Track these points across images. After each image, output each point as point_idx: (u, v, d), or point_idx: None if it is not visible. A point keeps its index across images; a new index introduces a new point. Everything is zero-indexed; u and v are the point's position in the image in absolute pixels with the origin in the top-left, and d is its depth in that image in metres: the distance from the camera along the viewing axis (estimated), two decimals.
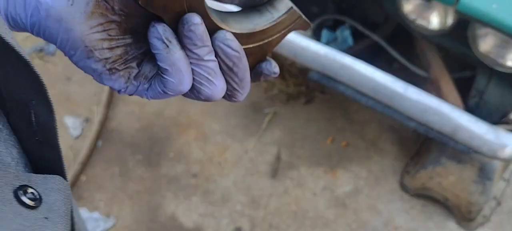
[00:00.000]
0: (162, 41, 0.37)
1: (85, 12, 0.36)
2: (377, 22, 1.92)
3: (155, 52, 0.38)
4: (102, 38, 0.37)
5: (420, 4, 1.52)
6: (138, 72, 0.40)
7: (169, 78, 0.38)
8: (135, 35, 0.39)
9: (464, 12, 1.32)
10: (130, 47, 0.39)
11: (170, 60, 0.37)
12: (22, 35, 2.62)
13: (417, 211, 1.95)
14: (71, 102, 2.33)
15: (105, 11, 0.37)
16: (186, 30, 0.37)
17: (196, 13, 0.37)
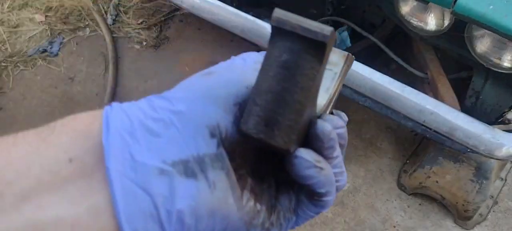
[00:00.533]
0: (314, 167, 0.34)
1: (231, 188, 0.34)
2: (375, 23, 1.94)
3: (310, 182, 0.35)
4: (253, 203, 0.35)
5: (417, 6, 1.54)
6: (281, 212, 0.38)
7: (328, 198, 0.36)
8: (266, 181, 0.38)
9: (461, 13, 1.33)
10: (270, 195, 0.37)
11: (328, 180, 0.35)
12: (24, 36, 2.65)
13: (415, 210, 1.97)
14: (74, 103, 2.36)
15: (245, 175, 0.35)
16: (317, 139, 0.35)
17: (321, 119, 0.36)
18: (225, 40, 2.54)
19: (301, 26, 0.33)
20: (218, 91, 0.35)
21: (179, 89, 0.36)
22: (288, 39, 0.34)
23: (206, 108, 0.34)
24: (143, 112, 0.34)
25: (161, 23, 2.70)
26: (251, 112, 0.34)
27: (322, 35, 0.33)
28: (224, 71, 0.37)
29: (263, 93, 0.34)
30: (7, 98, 2.39)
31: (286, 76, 0.34)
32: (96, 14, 2.71)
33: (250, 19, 1.75)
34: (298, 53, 0.34)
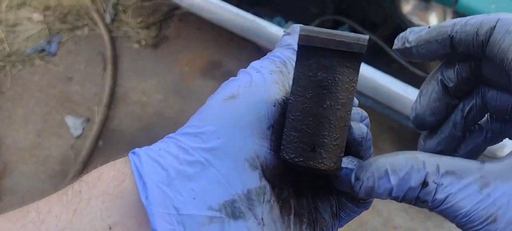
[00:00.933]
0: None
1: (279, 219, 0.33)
2: (377, 22, 1.93)
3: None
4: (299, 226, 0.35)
5: (419, 5, 1.53)
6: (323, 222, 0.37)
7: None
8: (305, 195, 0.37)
9: (463, 12, 1.33)
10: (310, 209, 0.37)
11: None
12: (22, 35, 2.63)
13: (416, 211, 1.96)
14: (72, 103, 2.34)
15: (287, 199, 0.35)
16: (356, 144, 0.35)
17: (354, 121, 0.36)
18: (224, 39, 2.53)
19: (335, 40, 0.31)
20: (249, 117, 0.33)
21: (205, 120, 0.34)
22: (320, 56, 0.31)
23: (242, 140, 0.33)
24: (176, 157, 0.32)
25: (160, 23, 2.69)
26: (292, 139, 0.33)
27: (358, 45, 0.31)
28: (248, 92, 0.35)
29: (303, 117, 0.32)
30: (5, 98, 2.37)
31: (326, 95, 0.32)
32: (95, 13, 2.69)
33: (249, 18, 1.74)
34: (334, 68, 0.32)
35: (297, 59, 0.33)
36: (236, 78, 0.37)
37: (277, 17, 1.98)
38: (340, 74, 0.32)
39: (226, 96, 0.35)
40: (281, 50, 0.39)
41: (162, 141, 0.34)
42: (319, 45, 0.31)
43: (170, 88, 2.37)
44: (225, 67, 2.44)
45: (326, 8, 1.93)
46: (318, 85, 0.32)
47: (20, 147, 2.18)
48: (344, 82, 0.32)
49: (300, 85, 0.32)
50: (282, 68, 0.37)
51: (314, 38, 0.31)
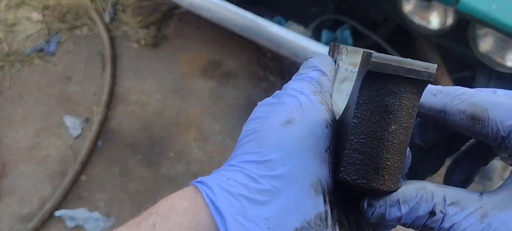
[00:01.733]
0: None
1: None
2: (377, 22, 1.92)
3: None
4: None
5: (420, 4, 1.52)
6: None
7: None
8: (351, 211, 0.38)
9: (464, 12, 1.32)
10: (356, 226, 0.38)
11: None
12: (21, 35, 2.63)
13: None
14: (71, 102, 2.34)
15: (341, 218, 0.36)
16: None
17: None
18: (224, 39, 2.52)
19: (405, 68, 0.32)
20: (309, 141, 0.35)
21: (267, 147, 0.34)
22: (390, 82, 0.32)
23: (306, 165, 0.34)
24: (246, 186, 0.32)
25: (160, 22, 2.68)
26: (355, 161, 0.34)
27: (427, 74, 0.32)
28: (302, 115, 0.36)
29: (368, 140, 0.33)
30: (4, 98, 2.37)
31: (391, 120, 0.33)
32: (94, 12, 2.68)
33: (249, 17, 1.73)
34: (401, 94, 0.33)
35: (363, 84, 0.33)
36: (281, 101, 0.37)
37: (277, 17, 1.97)
38: (406, 100, 0.33)
39: (282, 122, 0.35)
40: (310, 71, 0.41)
41: (225, 169, 0.34)
42: (390, 73, 0.32)
43: (169, 88, 2.37)
44: (224, 67, 2.43)
45: (326, 8, 1.92)
46: (384, 110, 0.33)
47: (19, 147, 2.17)
48: (408, 107, 0.33)
49: (366, 110, 0.33)
50: (320, 89, 0.39)
51: (385, 66, 0.32)
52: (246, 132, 0.37)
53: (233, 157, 0.36)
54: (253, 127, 0.36)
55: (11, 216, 1.96)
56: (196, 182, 0.35)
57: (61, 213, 1.94)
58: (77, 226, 1.93)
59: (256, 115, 0.38)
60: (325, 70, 0.42)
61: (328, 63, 0.43)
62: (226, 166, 0.35)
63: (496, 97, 0.36)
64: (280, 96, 0.38)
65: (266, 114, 0.37)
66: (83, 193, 2.03)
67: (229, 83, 2.34)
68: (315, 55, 0.44)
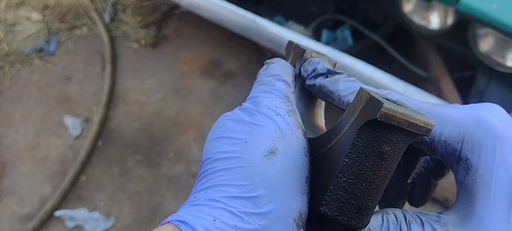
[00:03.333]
0: None
1: None
2: (377, 22, 1.92)
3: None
4: None
5: (420, 4, 1.52)
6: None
7: None
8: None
9: (464, 12, 1.32)
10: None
11: None
12: (21, 35, 2.62)
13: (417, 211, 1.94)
14: (71, 102, 2.33)
15: None
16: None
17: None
18: (224, 39, 2.52)
19: (408, 122, 0.32)
20: (292, 174, 0.34)
21: (253, 182, 0.34)
22: (390, 132, 0.33)
23: (290, 201, 0.34)
24: (233, 227, 0.32)
25: (160, 22, 2.68)
26: (339, 199, 0.34)
27: (426, 130, 0.33)
28: (284, 145, 0.35)
29: (357, 182, 0.34)
30: (3, 98, 2.36)
31: (383, 165, 0.34)
32: (94, 12, 2.68)
33: (249, 17, 1.73)
34: (397, 144, 0.34)
35: (363, 128, 0.33)
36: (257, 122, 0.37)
37: (277, 16, 1.97)
38: (398, 148, 0.34)
39: (266, 152, 0.35)
40: (276, 82, 0.40)
41: (208, 205, 0.33)
42: (394, 124, 0.32)
43: (169, 88, 2.36)
44: (224, 66, 2.43)
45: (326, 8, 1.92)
46: (379, 156, 0.34)
47: (19, 147, 2.17)
48: (398, 154, 0.34)
49: (361, 153, 0.34)
50: (292, 107, 0.39)
51: (391, 117, 0.32)
52: (222, 153, 0.35)
53: (211, 184, 0.34)
54: (231, 150, 0.35)
55: (11, 216, 1.96)
56: (178, 221, 0.33)
57: (61, 213, 1.94)
58: (77, 226, 1.92)
59: (228, 133, 0.36)
60: (288, 81, 0.41)
61: (290, 72, 0.43)
62: (207, 200, 0.33)
63: (421, 104, 0.38)
64: (253, 114, 0.37)
65: (243, 136, 0.36)
66: (83, 193, 2.03)
67: (229, 83, 2.34)
68: (276, 60, 0.43)
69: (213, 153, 0.36)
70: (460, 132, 0.36)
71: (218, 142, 0.37)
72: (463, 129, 0.36)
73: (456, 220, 0.36)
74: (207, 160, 0.36)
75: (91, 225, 1.91)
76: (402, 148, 0.34)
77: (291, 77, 0.42)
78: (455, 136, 0.36)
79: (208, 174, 0.35)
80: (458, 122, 0.37)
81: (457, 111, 0.38)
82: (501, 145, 0.35)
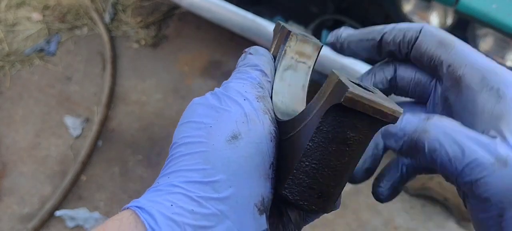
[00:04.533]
0: None
1: None
2: (377, 22, 1.92)
3: None
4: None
5: (420, 4, 1.52)
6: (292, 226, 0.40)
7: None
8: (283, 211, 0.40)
9: (464, 12, 1.32)
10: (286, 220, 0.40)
11: None
12: (21, 35, 2.63)
13: (417, 211, 1.95)
14: (71, 102, 2.34)
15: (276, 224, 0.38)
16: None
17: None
18: (224, 39, 2.52)
19: (373, 108, 0.31)
20: (255, 159, 0.34)
21: (213, 166, 0.33)
22: (356, 118, 0.32)
23: (251, 185, 0.33)
24: (191, 213, 0.31)
25: (160, 22, 2.68)
26: (301, 183, 0.34)
27: (392, 117, 0.32)
28: (248, 130, 0.35)
29: (320, 167, 0.33)
30: (4, 98, 2.37)
31: (347, 152, 0.33)
32: (94, 12, 2.69)
33: (249, 17, 1.73)
34: (362, 130, 0.33)
35: (328, 113, 0.32)
36: (224, 106, 0.36)
37: (277, 17, 1.97)
38: (364, 135, 0.33)
39: (228, 136, 0.34)
40: (252, 71, 0.40)
41: (168, 191, 0.33)
42: (359, 109, 0.31)
43: (169, 88, 2.37)
44: (225, 66, 2.43)
45: (326, 8, 1.92)
46: (343, 142, 0.33)
47: (19, 147, 2.17)
48: (363, 142, 0.33)
49: (325, 137, 0.33)
50: (262, 93, 0.38)
51: (357, 103, 0.31)
52: (187, 138, 0.35)
53: (174, 170, 0.34)
54: (196, 135, 0.35)
55: (11, 216, 1.96)
56: (136, 206, 0.32)
57: (61, 213, 1.94)
58: (77, 226, 1.93)
59: (196, 118, 0.36)
60: (266, 71, 0.40)
61: (268, 62, 0.42)
62: (168, 185, 0.33)
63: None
64: (222, 98, 0.37)
65: (209, 120, 0.35)
66: (83, 193, 2.03)
67: None
68: (253, 50, 0.42)
69: (179, 138, 0.36)
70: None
71: (185, 127, 0.37)
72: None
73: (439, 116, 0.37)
74: (174, 144, 0.36)
75: (91, 225, 1.91)
76: (369, 135, 0.33)
77: (269, 66, 0.41)
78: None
79: (172, 159, 0.35)
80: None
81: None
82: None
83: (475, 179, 0.34)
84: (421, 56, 0.41)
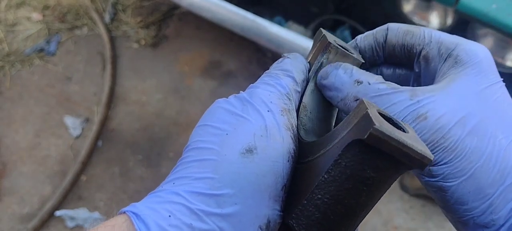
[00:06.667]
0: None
1: None
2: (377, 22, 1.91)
3: None
4: None
5: (420, 4, 1.52)
6: None
7: None
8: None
9: (464, 12, 1.32)
10: None
11: None
12: (21, 35, 2.63)
13: (417, 211, 1.95)
14: (72, 102, 2.34)
15: None
16: None
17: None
18: (224, 39, 2.52)
19: (401, 151, 0.28)
20: (267, 178, 0.31)
21: (221, 179, 0.31)
22: (378, 158, 0.29)
23: (259, 206, 0.31)
24: (189, 226, 0.29)
25: (160, 22, 2.68)
26: (310, 216, 0.31)
27: (421, 163, 0.28)
28: (265, 146, 0.32)
29: (332, 203, 0.30)
30: (4, 98, 2.37)
31: (364, 192, 0.30)
32: (94, 12, 2.68)
33: (249, 18, 1.73)
34: (385, 172, 0.29)
35: (350, 147, 0.29)
36: (245, 115, 0.34)
37: (277, 17, 1.97)
38: (386, 177, 0.30)
39: (243, 149, 0.32)
40: (283, 77, 0.38)
41: (169, 200, 0.31)
42: (384, 150, 0.28)
43: (169, 88, 2.37)
44: (224, 66, 2.43)
45: (326, 8, 1.92)
46: (362, 182, 0.30)
47: (19, 147, 2.17)
48: (387, 184, 0.30)
49: (342, 172, 0.30)
50: (289, 106, 0.36)
51: (384, 143, 0.28)
52: (201, 142, 0.33)
53: (180, 175, 0.32)
54: (210, 141, 0.33)
55: (11, 216, 1.96)
56: (132, 212, 0.31)
57: (61, 213, 1.94)
58: (77, 226, 1.93)
59: (214, 122, 0.34)
60: (297, 79, 0.38)
61: (302, 70, 0.39)
62: (170, 193, 0.31)
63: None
64: (245, 105, 0.35)
65: (227, 127, 0.33)
66: (83, 193, 2.03)
67: (229, 83, 2.34)
68: (292, 55, 0.41)
69: (194, 141, 0.34)
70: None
71: (201, 130, 0.35)
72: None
73: (430, 89, 0.37)
74: (187, 147, 0.35)
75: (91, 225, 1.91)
76: (391, 178, 0.30)
77: (303, 75, 0.39)
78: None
79: (181, 163, 0.34)
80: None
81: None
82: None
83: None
84: (394, 48, 0.43)
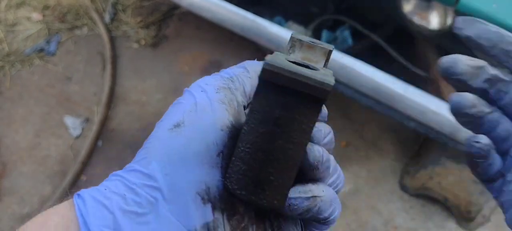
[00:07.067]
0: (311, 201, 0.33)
1: None
2: (377, 22, 1.92)
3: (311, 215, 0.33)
4: None
5: (420, 4, 1.52)
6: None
7: (334, 215, 0.35)
8: (268, 217, 0.35)
9: (464, 12, 1.32)
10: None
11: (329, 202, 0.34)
12: (21, 35, 2.63)
13: (417, 211, 1.95)
14: (72, 102, 2.34)
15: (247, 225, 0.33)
16: (311, 168, 0.33)
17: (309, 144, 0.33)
18: (224, 39, 2.52)
19: (299, 81, 0.28)
20: (196, 147, 0.32)
21: (151, 154, 0.32)
22: (281, 94, 0.29)
23: (190, 173, 0.31)
24: (123, 197, 0.30)
25: (160, 22, 2.68)
26: (238, 170, 0.31)
27: (322, 90, 0.29)
28: (193, 118, 0.33)
29: (253, 151, 0.31)
30: (4, 98, 2.37)
31: (278, 133, 0.30)
32: (94, 12, 2.68)
33: (249, 18, 1.73)
34: (292, 108, 0.30)
35: (257, 91, 0.31)
36: (180, 100, 0.35)
37: (277, 17, 1.97)
38: (298, 115, 0.30)
39: (171, 125, 0.33)
40: (232, 68, 0.38)
41: (108, 179, 0.32)
42: (281, 83, 0.29)
43: (169, 88, 2.37)
44: (224, 67, 2.41)
45: (326, 8, 1.92)
46: (273, 122, 0.30)
47: (19, 147, 2.17)
48: (300, 123, 0.30)
49: (255, 118, 0.31)
50: (229, 84, 0.36)
51: (277, 75, 0.28)
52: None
53: (128, 165, 0.34)
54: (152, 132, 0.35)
55: (11, 216, 1.96)
56: (75, 194, 0.32)
57: None
58: None
59: (163, 116, 0.36)
60: (250, 70, 0.39)
61: (258, 64, 0.40)
62: (111, 175, 0.33)
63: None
64: (183, 93, 0.36)
65: (164, 117, 0.35)
66: None
67: None
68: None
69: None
70: None
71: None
72: None
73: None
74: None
75: None
76: (305, 115, 0.30)
77: (258, 66, 0.39)
78: None
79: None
80: None
81: None
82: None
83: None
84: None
